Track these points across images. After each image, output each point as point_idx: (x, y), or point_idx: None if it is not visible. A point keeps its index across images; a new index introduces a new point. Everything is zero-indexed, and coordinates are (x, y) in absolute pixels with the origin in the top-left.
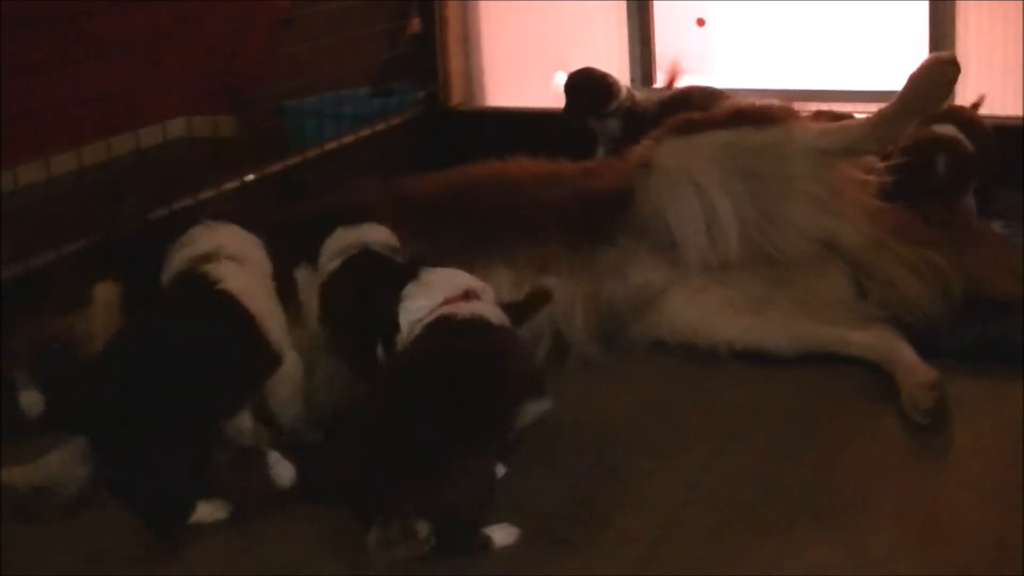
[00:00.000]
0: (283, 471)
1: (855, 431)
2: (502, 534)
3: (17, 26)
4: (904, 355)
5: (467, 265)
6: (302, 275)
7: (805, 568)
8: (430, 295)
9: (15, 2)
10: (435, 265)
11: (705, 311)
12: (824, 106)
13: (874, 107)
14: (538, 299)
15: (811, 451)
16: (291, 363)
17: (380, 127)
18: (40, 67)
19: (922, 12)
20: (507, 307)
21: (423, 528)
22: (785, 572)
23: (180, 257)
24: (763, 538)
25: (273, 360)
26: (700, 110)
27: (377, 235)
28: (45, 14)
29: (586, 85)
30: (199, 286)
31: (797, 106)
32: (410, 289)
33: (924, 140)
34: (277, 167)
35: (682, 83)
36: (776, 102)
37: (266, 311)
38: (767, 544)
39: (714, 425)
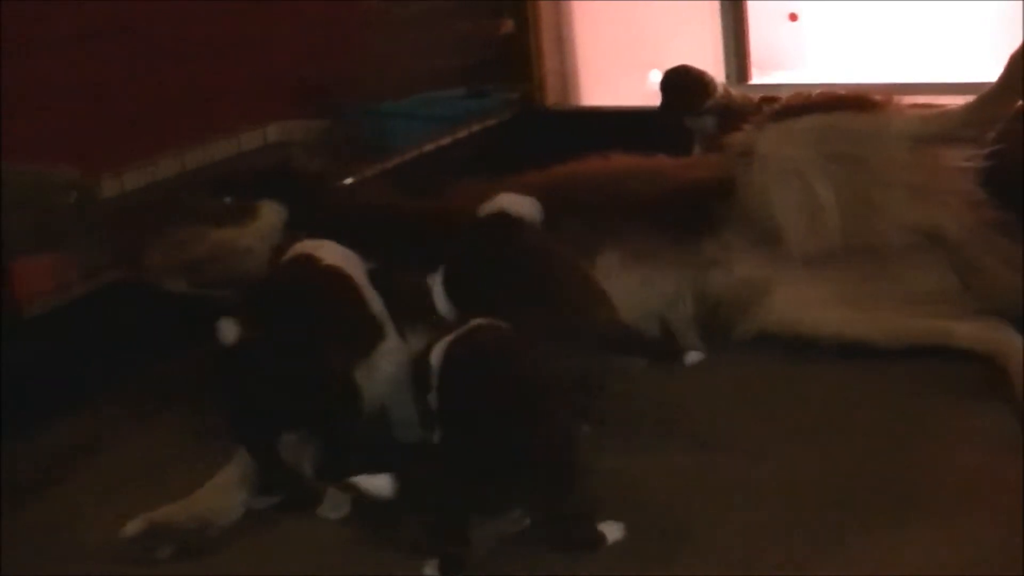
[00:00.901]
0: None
1: (961, 426)
2: (611, 530)
3: (111, 33)
4: (1018, 345)
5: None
6: (435, 280)
7: (914, 565)
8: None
9: (108, 9)
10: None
11: (808, 305)
12: (920, 99)
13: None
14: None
15: (918, 447)
16: (393, 341)
17: (475, 128)
18: (137, 73)
19: (1017, 11)
20: None
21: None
22: (893, 569)
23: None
24: (870, 535)
25: (377, 332)
26: None
27: (515, 202)
28: (141, 20)
29: (682, 83)
30: (306, 263)
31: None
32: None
33: None
34: (375, 169)
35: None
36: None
37: (367, 290)
38: (875, 541)
39: (818, 421)
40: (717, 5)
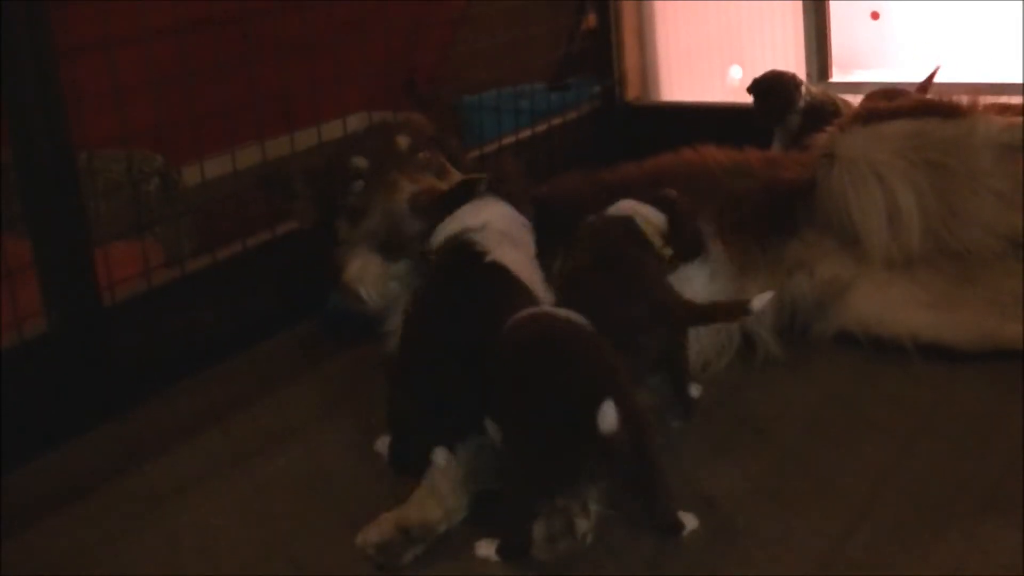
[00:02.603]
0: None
1: None
2: (687, 519)
3: (199, 28)
4: None
5: None
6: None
7: (993, 566)
8: None
9: (196, 5)
10: None
11: (889, 306)
12: (1003, 99)
13: None
14: (735, 309)
15: (998, 449)
16: None
17: (557, 122)
18: (223, 67)
19: None
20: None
21: (582, 524)
22: (972, 570)
23: (449, 228)
24: (950, 535)
25: None
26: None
27: (637, 208)
28: (225, 17)
29: (776, 88)
30: (468, 254)
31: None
32: None
33: None
34: None
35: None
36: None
37: (535, 281)
38: (954, 541)
39: (900, 421)
40: (799, 3)
